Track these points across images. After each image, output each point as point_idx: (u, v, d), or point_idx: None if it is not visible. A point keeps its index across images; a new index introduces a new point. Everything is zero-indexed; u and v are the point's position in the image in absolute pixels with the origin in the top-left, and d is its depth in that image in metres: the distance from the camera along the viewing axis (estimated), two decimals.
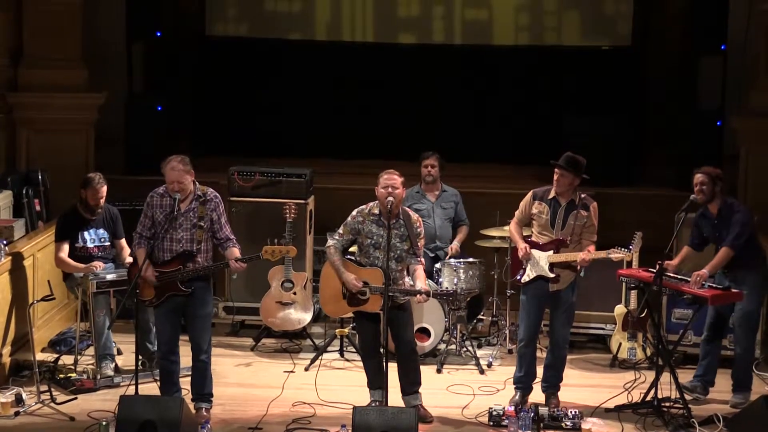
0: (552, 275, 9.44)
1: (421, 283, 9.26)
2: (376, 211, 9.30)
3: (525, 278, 9.54)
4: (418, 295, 9.19)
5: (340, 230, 9.41)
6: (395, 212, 9.20)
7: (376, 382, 9.31)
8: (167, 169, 9.15)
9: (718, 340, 9.99)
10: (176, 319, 9.28)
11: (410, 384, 9.39)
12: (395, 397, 9.23)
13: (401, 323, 9.30)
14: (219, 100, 14.85)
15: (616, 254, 9.49)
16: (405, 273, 9.36)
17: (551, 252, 9.45)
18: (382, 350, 9.17)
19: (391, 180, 9.21)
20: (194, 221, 9.18)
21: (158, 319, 9.38)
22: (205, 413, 9.23)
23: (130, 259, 10.27)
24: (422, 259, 9.43)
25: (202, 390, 9.31)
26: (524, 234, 9.72)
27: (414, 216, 9.41)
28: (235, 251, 9.23)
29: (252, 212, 11.37)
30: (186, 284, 9.14)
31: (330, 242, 9.43)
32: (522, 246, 9.49)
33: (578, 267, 9.46)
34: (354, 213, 9.39)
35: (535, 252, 9.49)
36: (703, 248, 9.94)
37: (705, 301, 9.49)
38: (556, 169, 9.42)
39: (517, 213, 9.71)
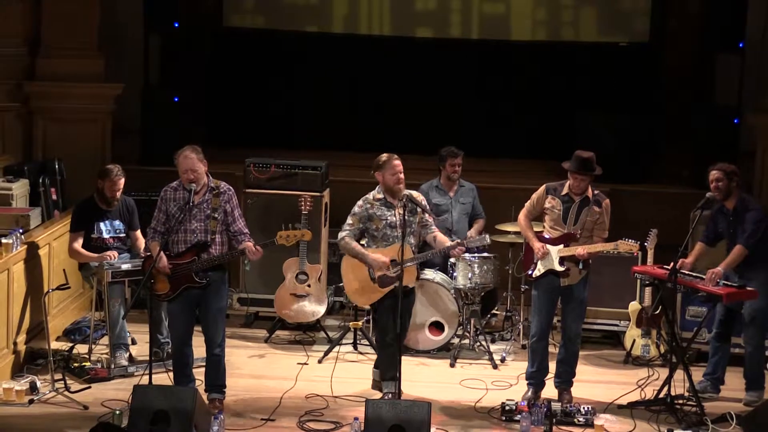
0: (562, 269, 9.44)
1: (445, 242, 9.49)
2: (380, 196, 9.50)
3: (536, 273, 9.55)
4: (456, 249, 9.41)
5: (350, 221, 9.51)
6: (400, 196, 9.41)
7: (390, 372, 9.35)
8: (180, 159, 9.14)
9: (727, 337, 9.97)
10: (190, 312, 9.28)
11: (396, 369, 9.37)
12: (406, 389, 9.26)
13: (405, 309, 9.37)
14: (235, 91, 14.84)
15: (624, 245, 9.43)
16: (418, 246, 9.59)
17: (561, 246, 9.45)
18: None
19: (398, 167, 9.43)
20: (208, 212, 9.17)
21: (172, 313, 9.35)
22: (218, 404, 9.26)
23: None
24: (435, 227, 9.61)
25: (216, 381, 9.33)
26: (535, 229, 9.72)
27: (415, 192, 9.57)
28: (249, 245, 9.21)
29: (267, 204, 11.38)
30: (201, 275, 9.15)
31: (342, 233, 9.50)
32: (538, 245, 9.49)
33: (579, 261, 9.43)
34: (360, 202, 9.54)
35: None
36: (716, 244, 9.92)
37: (720, 299, 9.48)
38: (575, 175, 9.41)
39: (527, 204, 9.70)
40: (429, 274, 10.83)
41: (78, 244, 10.38)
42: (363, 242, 9.59)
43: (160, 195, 9.28)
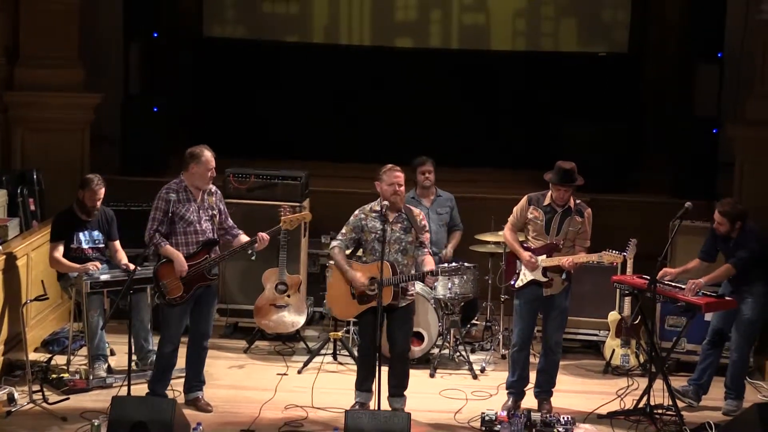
0: (545, 279, 9.45)
1: (428, 266, 9.35)
2: (377, 208, 9.42)
3: (519, 283, 9.56)
4: (427, 277, 9.34)
5: (343, 230, 9.54)
6: (398, 207, 9.35)
7: (366, 384, 9.40)
8: (208, 157, 9.48)
9: (720, 346, 9.99)
10: (189, 313, 9.49)
11: (399, 387, 9.43)
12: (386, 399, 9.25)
13: (402, 324, 9.35)
14: (216, 101, 14.81)
15: (608, 256, 9.48)
16: (412, 266, 9.43)
17: (544, 256, 9.46)
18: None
19: (397, 178, 9.37)
20: (211, 212, 9.48)
21: (176, 315, 9.41)
22: (204, 404, 9.52)
23: (125, 261, 10.31)
24: (429, 250, 9.52)
25: (201, 375, 9.63)
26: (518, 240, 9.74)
27: (416, 210, 9.56)
28: (243, 237, 9.57)
29: (247, 214, 11.35)
30: (211, 273, 9.42)
31: (334, 243, 9.55)
32: (526, 256, 9.49)
33: (563, 271, 9.44)
34: (356, 212, 9.54)
35: None
36: (714, 259, 9.95)
37: (699, 309, 9.51)
38: (558, 186, 9.42)
39: (510, 218, 9.72)
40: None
41: (59, 253, 10.34)
42: (359, 253, 9.62)
43: (163, 197, 9.34)
